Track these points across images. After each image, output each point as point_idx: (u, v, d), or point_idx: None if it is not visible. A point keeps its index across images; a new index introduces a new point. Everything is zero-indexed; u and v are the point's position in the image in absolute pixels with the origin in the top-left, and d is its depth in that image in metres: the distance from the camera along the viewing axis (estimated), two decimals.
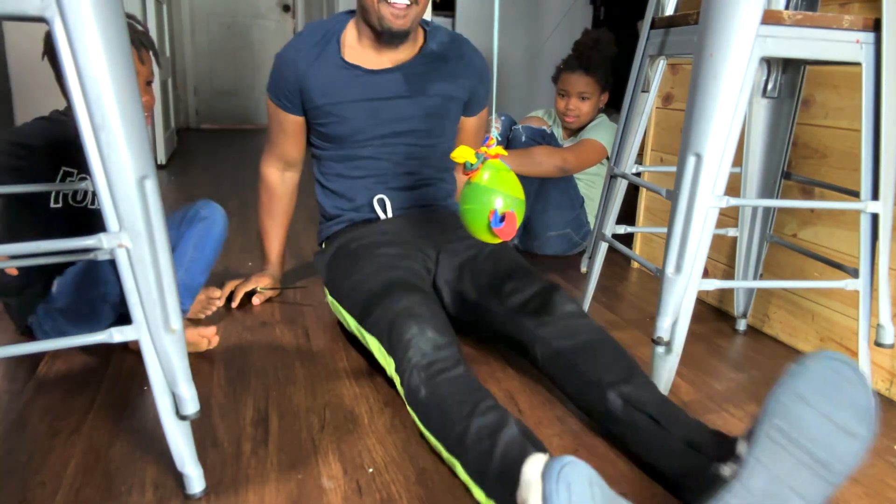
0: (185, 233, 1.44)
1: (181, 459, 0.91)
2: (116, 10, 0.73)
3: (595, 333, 1.17)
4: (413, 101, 1.47)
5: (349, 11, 1.50)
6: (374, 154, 1.49)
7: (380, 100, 1.45)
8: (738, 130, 1.05)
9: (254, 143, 4.98)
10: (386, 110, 1.46)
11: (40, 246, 0.79)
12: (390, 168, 1.51)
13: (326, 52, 1.45)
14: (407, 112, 1.47)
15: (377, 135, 1.47)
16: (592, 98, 2.17)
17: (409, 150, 1.50)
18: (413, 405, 1.07)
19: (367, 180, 1.51)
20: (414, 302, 1.18)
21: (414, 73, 1.47)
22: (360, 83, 1.44)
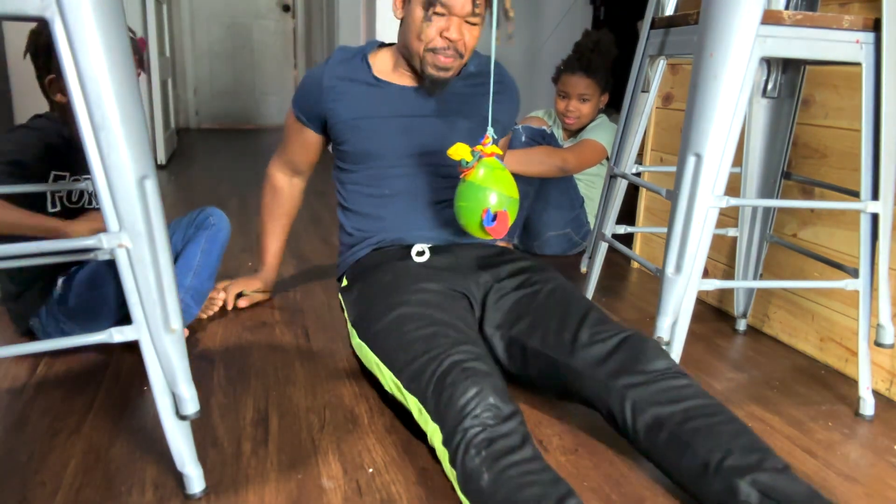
0: (194, 238, 1.49)
1: (181, 459, 0.91)
2: (116, 10, 0.73)
3: (702, 398, 0.98)
4: (450, 121, 1.37)
5: (385, 43, 1.43)
6: (405, 173, 1.36)
7: (413, 117, 1.35)
8: (738, 130, 1.05)
9: (254, 143, 4.98)
10: (420, 128, 1.36)
11: (40, 246, 0.79)
12: (423, 187, 1.37)
13: (355, 69, 1.37)
14: (442, 131, 1.36)
15: (409, 153, 1.35)
16: (593, 99, 2.17)
17: (445, 169, 1.36)
18: (469, 493, 0.87)
19: (398, 199, 1.36)
20: (470, 356, 0.98)
21: (454, 93, 1.37)
22: (392, 99, 1.35)
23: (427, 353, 1.00)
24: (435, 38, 1.24)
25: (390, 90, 1.35)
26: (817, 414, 1.25)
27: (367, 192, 1.38)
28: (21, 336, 1.43)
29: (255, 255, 2.00)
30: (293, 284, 1.84)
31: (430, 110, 1.36)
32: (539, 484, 0.83)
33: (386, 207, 1.37)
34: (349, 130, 1.36)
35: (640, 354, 1.03)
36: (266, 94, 5.87)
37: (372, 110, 1.35)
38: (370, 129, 1.35)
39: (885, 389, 1.33)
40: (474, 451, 0.86)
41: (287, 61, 5.81)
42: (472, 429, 0.88)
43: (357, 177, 1.39)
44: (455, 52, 1.25)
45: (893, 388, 1.32)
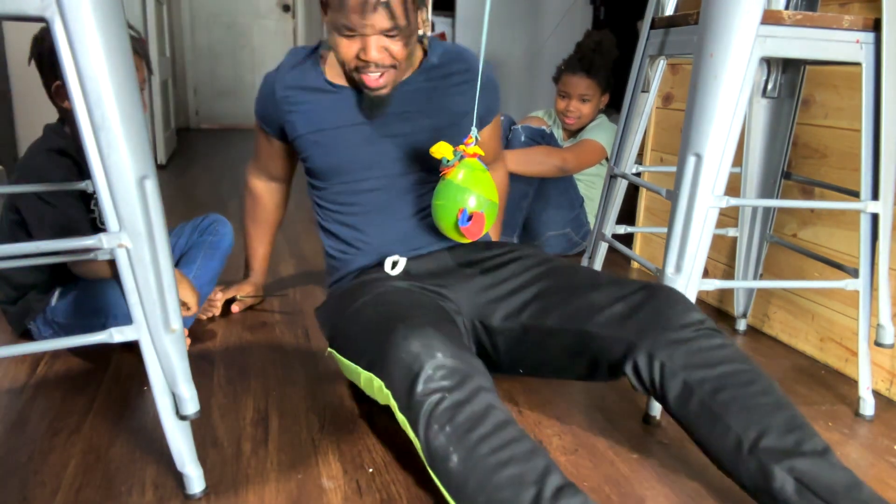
0: (197, 243, 1.52)
1: (181, 459, 0.91)
2: (116, 10, 0.73)
3: (738, 362, 0.90)
4: (413, 122, 1.23)
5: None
6: (377, 186, 1.24)
7: (373, 123, 1.22)
8: (738, 130, 1.05)
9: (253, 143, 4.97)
10: (384, 134, 1.22)
11: (39, 246, 0.79)
12: (397, 198, 1.24)
13: (306, 74, 1.24)
14: (405, 133, 1.23)
15: (375, 163, 1.23)
16: (593, 100, 2.17)
17: (419, 176, 1.24)
18: (438, 473, 0.82)
19: (373, 216, 1.24)
20: (421, 319, 0.93)
21: (415, 89, 1.23)
22: (348, 105, 1.21)
23: (379, 328, 0.95)
24: (353, 60, 1.12)
25: (346, 95, 1.21)
26: (817, 414, 1.25)
27: (340, 210, 1.27)
28: (20, 337, 1.43)
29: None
30: (293, 284, 1.84)
31: (391, 113, 1.22)
32: (515, 462, 0.77)
33: (362, 227, 1.25)
34: (309, 146, 1.24)
35: (667, 308, 0.93)
36: None
37: (329, 121, 1.22)
38: (330, 142, 1.22)
39: (885, 389, 1.33)
40: (437, 426, 0.80)
41: None
42: (430, 397, 0.82)
43: (327, 194, 1.28)
44: (381, 68, 1.12)
45: (893, 388, 1.32)
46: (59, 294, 1.36)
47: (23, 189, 1.25)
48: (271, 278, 1.88)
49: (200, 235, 1.56)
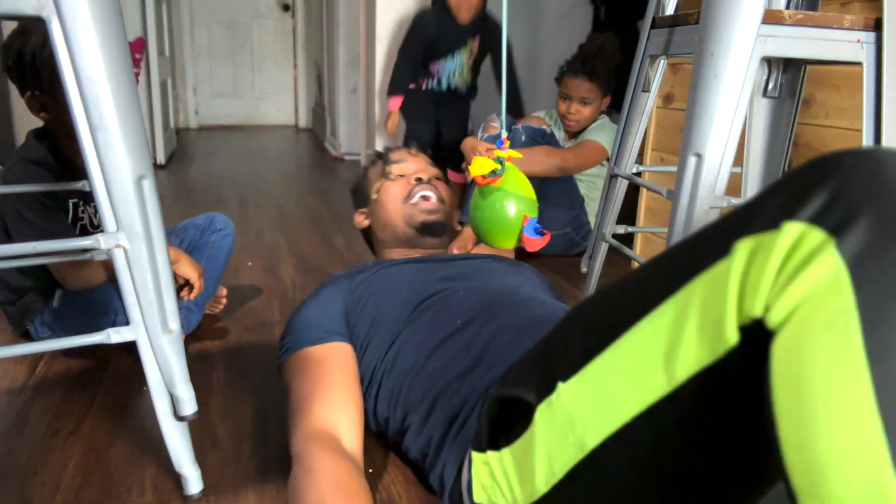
0: (200, 243, 1.51)
1: (179, 460, 0.91)
2: (113, 9, 0.73)
3: None
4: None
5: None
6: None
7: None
8: (739, 130, 1.05)
9: (254, 142, 4.98)
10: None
11: (36, 247, 0.78)
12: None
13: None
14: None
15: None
16: (594, 102, 2.17)
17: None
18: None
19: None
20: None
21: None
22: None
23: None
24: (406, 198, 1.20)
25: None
26: None
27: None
28: (19, 337, 1.43)
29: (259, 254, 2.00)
30: (293, 284, 1.84)
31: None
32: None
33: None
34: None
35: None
36: (266, 94, 5.86)
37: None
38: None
39: None
40: None
41: (287, 61, 5.81)
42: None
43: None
44: (433, 196, 1.21)
45: None
46: (62, 295, 1.35)
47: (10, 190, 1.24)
48: (271, 278, 1.88)
49: (203, 235, 1.55)
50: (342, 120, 4.28)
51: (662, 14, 1.35)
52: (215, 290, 1.52)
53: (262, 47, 5.72)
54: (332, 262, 2.05)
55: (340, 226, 2.54)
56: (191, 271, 1.34)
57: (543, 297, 1.05)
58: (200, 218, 1.59)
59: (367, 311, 1.04)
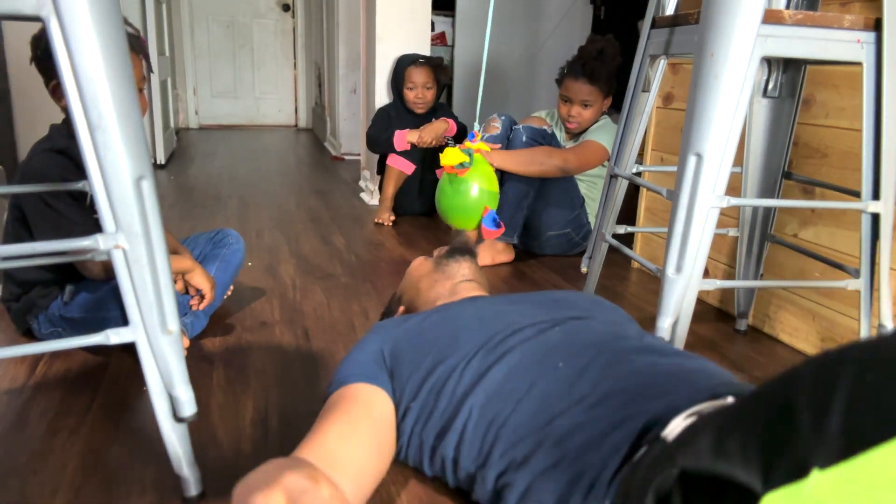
0: (210, 255, 1.56)
1: (179, 462, 0.91)
2: (113, 9, 0.73)
3: None
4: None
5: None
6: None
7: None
8: (739, 130, 1.05)
9: (253, 142, 4.97)
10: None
11: (35, 247, 0.78)
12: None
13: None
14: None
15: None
16: (595, 105, 2.16)
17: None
18: None
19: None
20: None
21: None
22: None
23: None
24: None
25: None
26: None
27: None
28: (22, 336, 1.43)
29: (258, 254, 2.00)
30: (293, 284, 1.84)
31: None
32: None
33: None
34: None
35: None
36: (266, 94, 5.86)
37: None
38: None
39: None
40: None
41: (287, 61, 5.80)
42: None
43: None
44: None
45: None
46: (73, 290, 1.36)
47: (21, 189, 1.24)
48: (271, 278, 1.88)
49: (214, 248, 1.61)
50: (342, 120, 4.28)
51: (662, 14, 1.35)
52: (220, 302, 1.54)
53: (262, 47, 5.72)
54: (332, 262, 2.05)
55: (340, 226, 2.54)
56: (204, 283, 1.40)
57: (643, 335, 0.90)
58: (212, 231, 1.66)
59: (425, 350, 0.91)
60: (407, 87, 2.62)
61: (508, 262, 2.14)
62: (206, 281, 1.40)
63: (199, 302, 1.42)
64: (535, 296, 1.04)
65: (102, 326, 0.84)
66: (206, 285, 1.40)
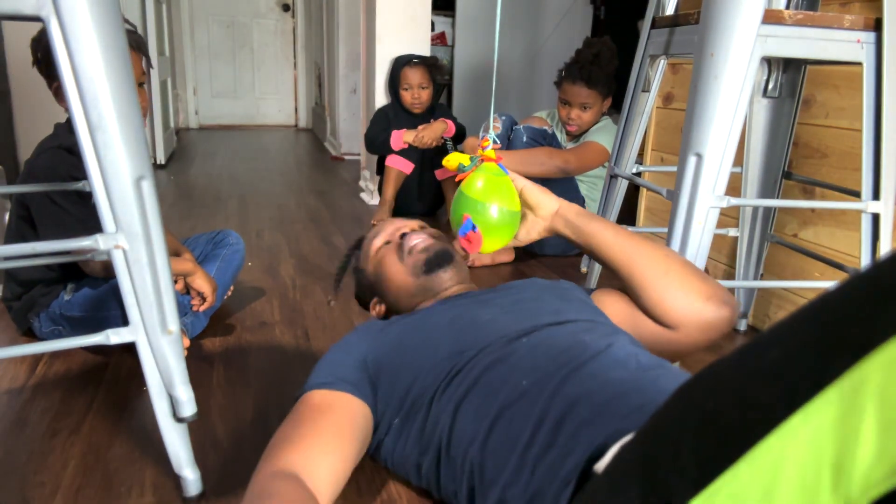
0: (211, 256, 1.58)
1: (179, 462, 0.91)
2: (113, 8, 0.73)
3: None
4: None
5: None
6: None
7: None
8: (739, 130, 1.05)
9: (253, 142, 4.97)
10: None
11: (35, 247, 0.78)
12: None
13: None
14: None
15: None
16: (595, 107, 2.16)
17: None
18: None
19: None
20: None
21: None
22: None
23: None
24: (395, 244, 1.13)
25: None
26: None
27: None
28: (22, 335, 1.43)
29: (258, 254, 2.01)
30: (293, 284, 1.84)
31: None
32: None
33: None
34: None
35: None
36: (266, 94, 5.86)
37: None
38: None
39: None
40: None
41: (287, 61, 5.81)
42: None
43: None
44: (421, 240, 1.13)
45: None
46: (74, 288, 1.36)
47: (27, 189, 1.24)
48: (271, 278, 1.88)
49: (214, 248, 1.61)
50: (342, 120, 4.28)
51: (662, 14, 1.35)
52: (220, 303, 1.55)
53: (262, 47, 5.72)
54: (332, 262, 2.05)
55: (340, 226, 2.54)
56: (206, 286, 1.40)
57: (610, 343, 0.87)
58: (213, 232, 1.66)
59: (404, 365, 0.92)
60: (403, 88, 2.62)
61: (508, 262, 2.14)
62: (207, 284, 1.41)
63: (201, 304, 1.42)
64: (506, 296, 1.03)
65: (103, 326, 0.84)
66: (208, 288, 1.41)
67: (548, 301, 1.01)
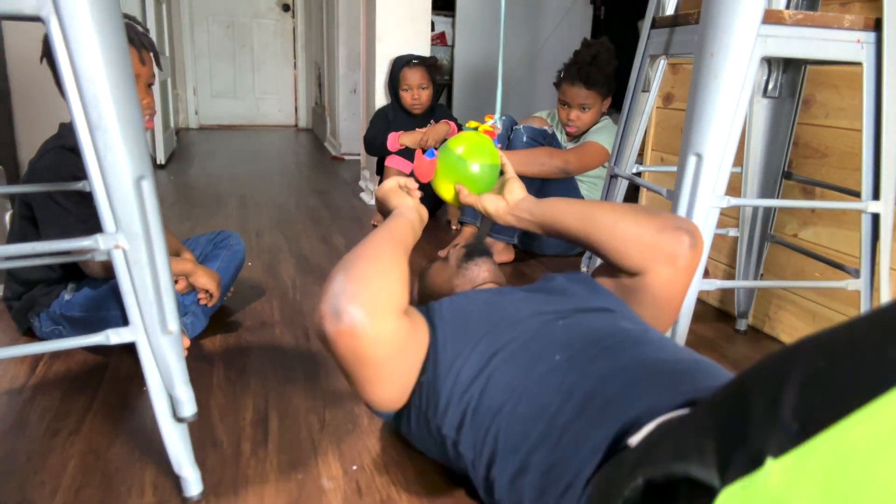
0: (212, 256, 1.59)
1: (178, 462, 0.91)
2: (113, 9, 0.73)
3: None
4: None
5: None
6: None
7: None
8: (739, 130, 1.05)
9: (253, 142, 4.97)
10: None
11: (35, 247, 0.78)
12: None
13: None
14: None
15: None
16: (594, 107, 2.16)
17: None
18: None
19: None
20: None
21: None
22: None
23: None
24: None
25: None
26: None
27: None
28: (22, 335, 1.43)
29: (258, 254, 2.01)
30: (293, 284, 1.84)
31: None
32: None
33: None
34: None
35: None
36: (266, 94, 5.86)
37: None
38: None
39: None
40: None
41: (287, 61, 5.80)
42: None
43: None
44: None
45: None
46: (74, 288, 1.36)
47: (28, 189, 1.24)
48: (271, 278, 1.88)
49: (214, 249, 1.61)
50: (342, 120, 4.28)
51: (662, 14, 1.35)
52: (221, 301, 1.55)
53: (262, 47, 5.72)
54: (332, 262, 2.05)
55: (340, 226, 2.54)
56: (208, 282, 1.41)
57: (654, 334, 0.87)
58: (213, 233, 1.67)
59: (437, 330, 0.91)
60: (402, 89, 2.62)
61: (508, 262, 2.14)
62: (209, 280, 1.41)
63: (209, 300, 1.43)
64: (539, 288, 1.05)
65: (103, 325, 0.84)
66: (212, 284, 1.41)
67: (578, 291, 1.02)
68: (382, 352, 0.80)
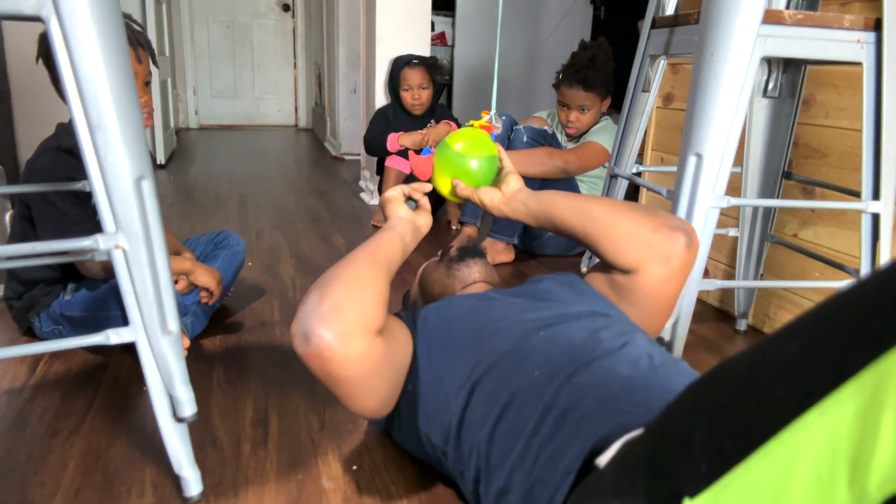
0: (212, 256, 1.58)
1: (179, 462, 0.91)
2: (113, 8, 0.73)
3: None
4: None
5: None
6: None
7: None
8: (739, 130, 1.05)
9: (253, 142, 4.97)
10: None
11: (35, 247, 0.78)
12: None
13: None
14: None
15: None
16: (593, 108, 2.16)
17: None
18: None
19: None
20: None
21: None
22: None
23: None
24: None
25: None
26: None
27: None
28: (22, 335, 1.43)
29: (258, 254, 2.00)
30: (293, 284, 1.84)
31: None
32: None
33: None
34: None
35: None
36: (266, 94, 5.86)
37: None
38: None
39: None
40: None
41: (287, 61, 5.81)
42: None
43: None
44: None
45: None
46: (74, 288, 1.36)
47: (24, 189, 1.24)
48: (271, 278, 1.88)
49: (215, 249, 1.61)
50: (342, 120, 4.28)
51: (662, 14, 1.35)
52: (220, 303, 1.55)
53: (262, 47, 5.72)
54: (332, 262, 2.05)
55: (340, 226, 2.54)
56: (209, 280, 1.41)
57: (625, 342, 0.87)
58: (213, 233, 1.67)
59: (423, 338, 0.93)
60: (403, 89, 2.62)
61: (508, 262, 2.14)
62: (210, 278, 1.41)
63: (210, 298, 1.43)
64: (525, 293, 1.05)
65: (103, 325, 0.84)
66: (212, 282, 1.41)
67: (564, 295, 1.02)
68: (353, 372, 0.80)
